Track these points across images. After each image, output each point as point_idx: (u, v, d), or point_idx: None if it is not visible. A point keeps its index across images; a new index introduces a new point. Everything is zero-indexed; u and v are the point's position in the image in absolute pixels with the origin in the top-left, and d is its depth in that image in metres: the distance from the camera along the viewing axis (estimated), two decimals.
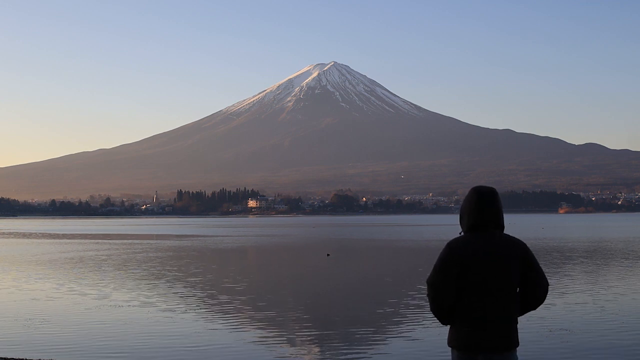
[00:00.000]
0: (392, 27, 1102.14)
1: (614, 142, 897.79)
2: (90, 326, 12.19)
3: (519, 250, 4.20)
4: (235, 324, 12.48)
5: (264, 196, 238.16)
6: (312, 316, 13.45)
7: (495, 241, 4.18)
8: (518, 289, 4.23)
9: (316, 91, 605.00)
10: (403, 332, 11.56)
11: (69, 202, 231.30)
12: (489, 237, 4.20)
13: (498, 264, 4.13)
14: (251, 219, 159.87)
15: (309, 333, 11.58)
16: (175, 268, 24.04)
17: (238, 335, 11.38)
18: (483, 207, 4.23)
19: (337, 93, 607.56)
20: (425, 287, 3.54)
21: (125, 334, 11.41)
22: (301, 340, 10.99)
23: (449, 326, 4.30)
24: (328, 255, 30.39)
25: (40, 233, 64.05)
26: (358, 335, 11.30)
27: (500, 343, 4.12)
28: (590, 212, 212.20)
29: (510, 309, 4.16)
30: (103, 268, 24.05)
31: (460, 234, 4.36)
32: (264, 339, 11.01)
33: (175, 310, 13.89)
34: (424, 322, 12.37)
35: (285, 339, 11.07)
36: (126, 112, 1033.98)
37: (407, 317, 13.06)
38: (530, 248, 4.11)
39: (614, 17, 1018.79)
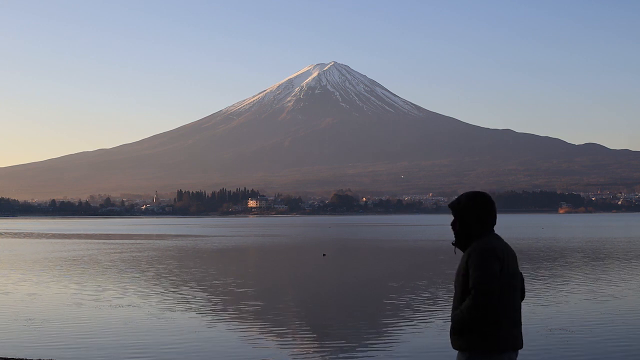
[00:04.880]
0: (392, 26, 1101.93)
1: (614, 142, 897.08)
2: (91, 326, 12.20)
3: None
4: (234, 323, 12.50)
5: (264, 196, 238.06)
6: (305, 315, 13.46)
7: (505, 242, 4.44)
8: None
9: (316, 91, 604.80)
10: (398, 331, 11.55)
11: (69, 202, 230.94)
12: (500, 238, 4.42)
13: (516, 263, 4.37)
14: (251, 219, 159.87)
15: (303, 332, 11.59)
16: (174, 268, 24.06)
17: (237, 334, 11.39)
18: (494, 210, 4.44)
19: (337, 93, 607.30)
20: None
21: (126, 334, 11.42)
22: (297, 339, 11.00)
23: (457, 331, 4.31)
24: (324, 255, 30.53)
25: (40, 233, 64.05)
26: (354, 335, 11.31)
27: (522, 340, 4.37)
28: (590, 212, 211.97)
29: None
30: (103, 268, 24.05)
31: (452, 243, 4.51)
32: (262, 339, 11.01)
33: (174, 310, 13.90)
34: (420, 321, 12.38)
35: (282, 338, 11.07)
36: (126, 112, 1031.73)
37: (401, 317, 13.05)
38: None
39: (614, 17, 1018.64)
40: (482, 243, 4.29)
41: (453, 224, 4.46)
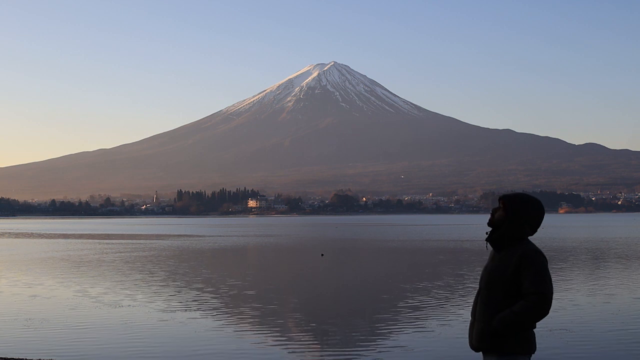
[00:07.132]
0: (392, 26, 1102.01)
1: (614, 142, 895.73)
2: (91, 326, 12.19)
3: None
4: (233, 323, 12.51)
5: (264, 196, 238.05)
6: (305, 316, 13.46)
7: None
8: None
9: (316, 91, 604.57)
10: (399, 332, 11.55)
11: (69, 202, 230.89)
12: None
13: None
14: (251, 219, 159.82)
15: (302, 332, 11.59)
16: (174, 268, 24.05)
17: (236, 335, 11.40)
18: None
19: (337, 93, 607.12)
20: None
21: (126, 334, 11.42)
22: (296, 339, 11.00)
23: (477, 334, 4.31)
24: (322, 255, 30.57)
25: (40, 233, 64.04)
26: (354, 336, 11.31)
27: None
28: (590, 212, 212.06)
29: None
30: (103, 268, 24.05)
31: (486, 233, 4.43)
32: (262, 339, 11.02)
33: (174, 310, 13.89)
34: (420, 321, 12.39)
35: (282, 339, 11.08)
36: (126, 112, 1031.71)
37: (401, 317, 13.04)
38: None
39: (614, 17, 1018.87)
40: (536, 248, 4.25)
41: (501, 219, 4.33)
